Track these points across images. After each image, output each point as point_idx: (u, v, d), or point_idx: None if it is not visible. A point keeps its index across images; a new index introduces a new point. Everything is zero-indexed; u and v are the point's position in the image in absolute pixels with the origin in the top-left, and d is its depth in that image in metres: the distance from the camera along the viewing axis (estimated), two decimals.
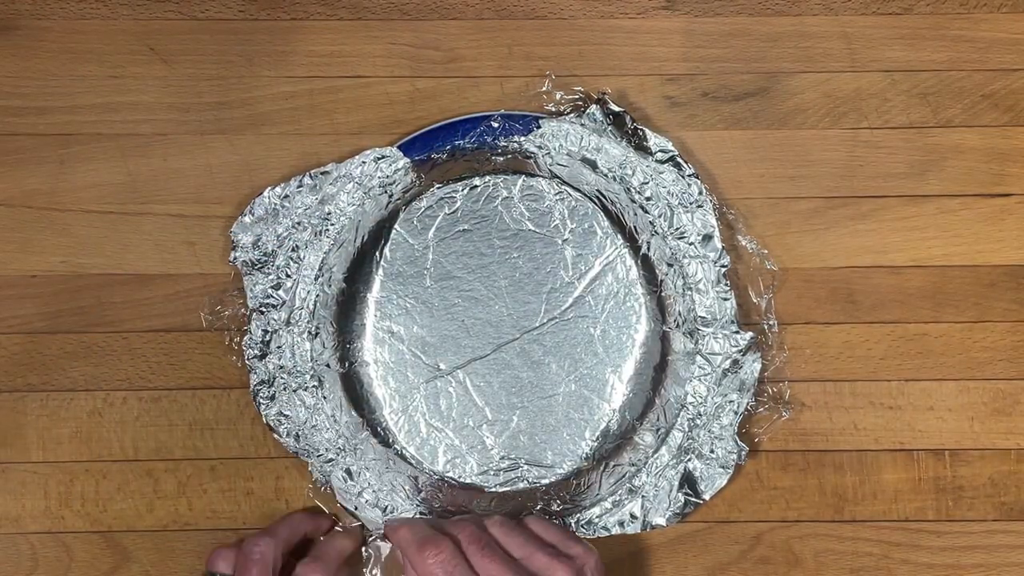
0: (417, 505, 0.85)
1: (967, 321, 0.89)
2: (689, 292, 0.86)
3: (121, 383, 0.87)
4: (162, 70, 0.91)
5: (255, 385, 0.85)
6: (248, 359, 0.85)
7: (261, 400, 0.85)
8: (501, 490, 0.84)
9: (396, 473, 0.85)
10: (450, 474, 0.85)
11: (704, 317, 0.86)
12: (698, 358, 0.86)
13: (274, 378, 0.85)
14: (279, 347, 0.85)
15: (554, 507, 0.85)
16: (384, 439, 0.84)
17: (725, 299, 0.86)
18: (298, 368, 0.86)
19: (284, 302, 0.86)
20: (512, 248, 0.85)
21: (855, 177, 0.90)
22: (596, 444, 0.84)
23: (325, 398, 0.86)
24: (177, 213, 0.89)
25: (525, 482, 0.84)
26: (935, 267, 0.89)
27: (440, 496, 0.85)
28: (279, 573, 0.79)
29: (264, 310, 0.86)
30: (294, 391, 0.85)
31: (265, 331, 0.86)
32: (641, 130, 0.87)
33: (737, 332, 0.86)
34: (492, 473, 0.84)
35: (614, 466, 0.85)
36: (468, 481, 0.84)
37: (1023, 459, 0.88)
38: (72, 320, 0.87)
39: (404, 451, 0.84)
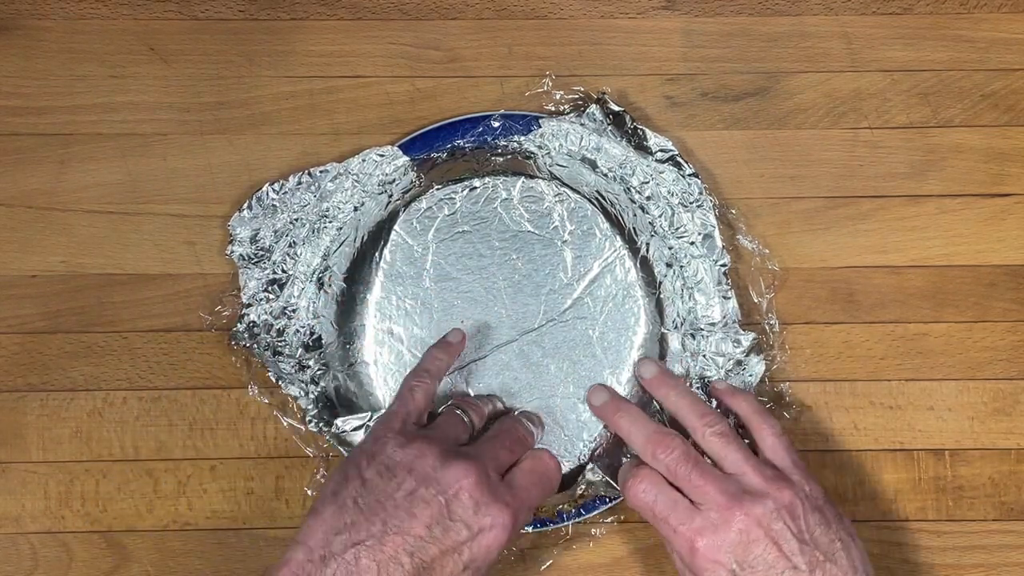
0: None
1: (967, 321, 0.89)
2: (690, 292, 0.86)
3: (121, 383, 0.87)
4: (162, 70, 0.91)
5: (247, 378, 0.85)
6: (246, 348, 0.85)
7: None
8: None
9: None
10: None
11: (706, 317, 0.86)
12: (700, 359, 0.86)
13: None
14: (270, 339, 0.85)
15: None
16: None
17: (727, 298, 0.86)
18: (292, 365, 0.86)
19: (278, 297, 0.85)
20: (511, 250, 0.85)
21: (855, 177, 0.90)
22: (594, 445, 0.85)
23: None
24: (177, 213, 0.89)
25: None
26: (935, 267, 0.89)
27: None
28: None
29: (255, 303, 0.85)
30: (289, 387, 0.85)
31: (255, 323, 0.85)
32: (641, 130, 0.87)
33: (740, 333, 0.86)
34: None
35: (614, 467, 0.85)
36: None
37: (1023, 459, 0.87)
38: (72, 320, 0.87)
39: None
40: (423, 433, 0.75)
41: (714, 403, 0.84)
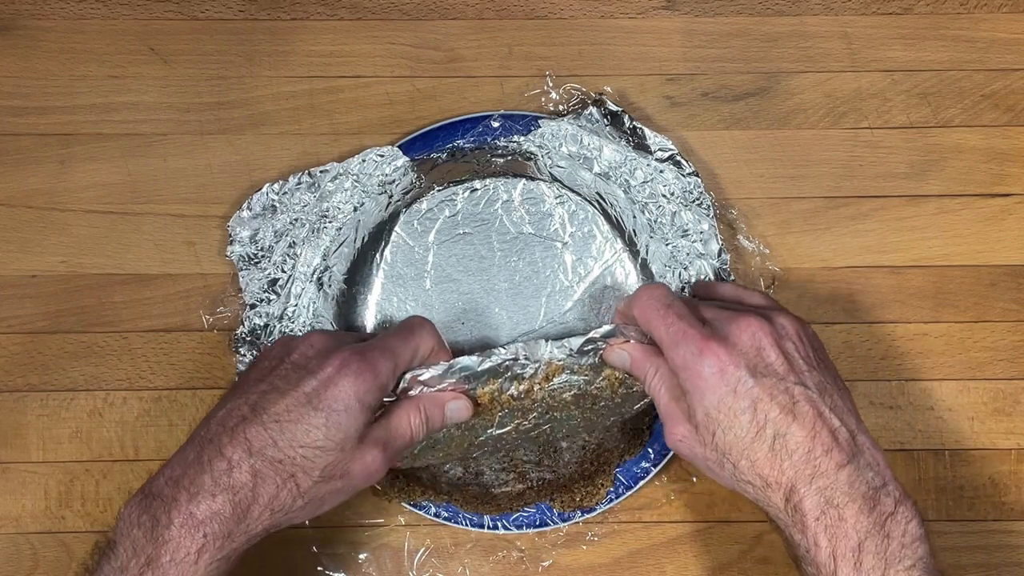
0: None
1: (967, 321, 0.89)
2: (692, 292, 0.86)
3: (121, 383, 0.87)
4: (162, 70, 0.91)
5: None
6: (240, 354, 0.85)
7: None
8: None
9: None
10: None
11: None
12: None
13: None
14: (271, 341, 0.85)
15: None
16: None
17: None
18: None
19: (279, 297, 0.85)
20: (512, 251, 0.85)
21: (855, 177, 0.90)
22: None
23: None
24: (177, 213, 0.89)
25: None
26: (935, 267, 0.89)
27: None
28: None
29: (257, 304, 0.85)
30: None
31: (257, 326, 0.85)
32: (640, 129, 0.87)
33: None
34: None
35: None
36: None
37: (1023, 459, 0.87)
38: (72, 320, 0.87)
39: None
40: None
41: None
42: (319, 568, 0.86)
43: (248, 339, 0.85)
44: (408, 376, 0.74)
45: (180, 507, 0.67)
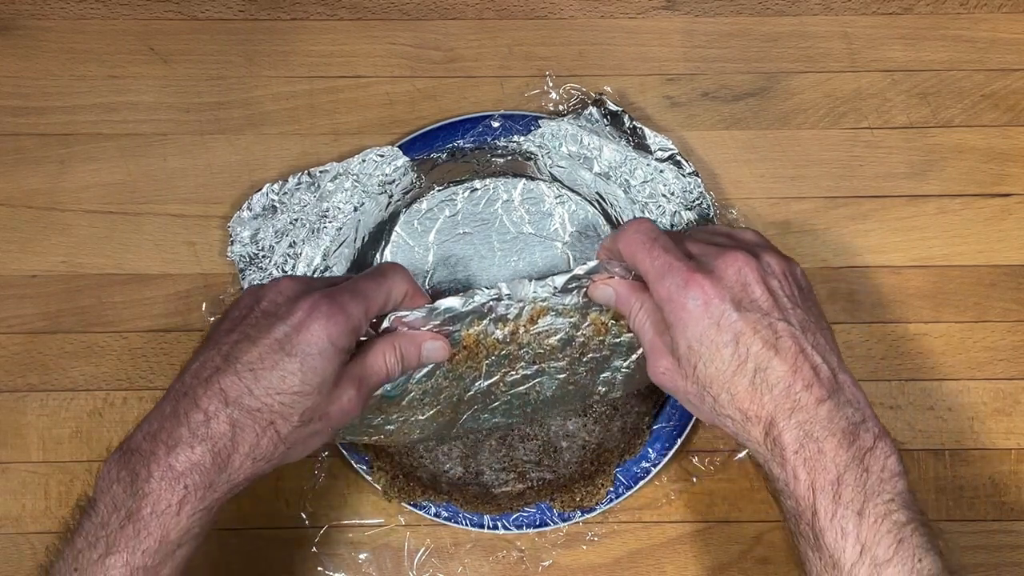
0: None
1: (967, 321, 0.89)
2: None
3: (121, 383, 0.87)
4: (162, 70, 0.91)
5: None
6: None
7: None
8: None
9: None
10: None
11: None
12: None
13: None
14: None
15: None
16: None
17: None
18: None
19: None
20: (512, 251, 0.84)
21: (855, 177, 0.90)
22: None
23: None
24: (177, 213, 0.89)
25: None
26: (935, 267, 0.89)
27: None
28: None
29: None
30: None
31: None
32: (640, 129, 0.87)
33: None
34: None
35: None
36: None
37: (1023, 459, 0.87)
38: (72, 320, 0.87)
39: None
40: None
41: None
42: (319, 568, 0.85)
43: None
44: (392, 317, 0.74)
45: (159, 460, 0.67)
